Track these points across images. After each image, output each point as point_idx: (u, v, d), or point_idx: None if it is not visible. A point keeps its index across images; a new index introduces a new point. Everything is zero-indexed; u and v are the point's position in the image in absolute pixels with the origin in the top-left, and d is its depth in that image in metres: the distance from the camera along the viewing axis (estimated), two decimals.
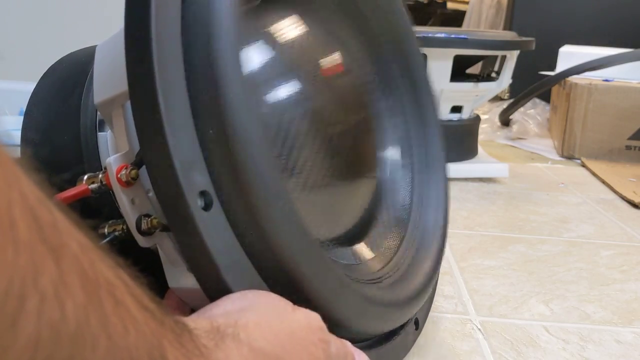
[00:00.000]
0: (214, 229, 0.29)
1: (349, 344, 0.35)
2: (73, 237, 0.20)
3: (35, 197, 0.19)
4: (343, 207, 0.47)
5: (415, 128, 0.54)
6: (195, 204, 0.29)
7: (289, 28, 0.44)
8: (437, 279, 0.55)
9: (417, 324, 0.48)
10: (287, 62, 0.41)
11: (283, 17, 0.43)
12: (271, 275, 0.32)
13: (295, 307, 0.31)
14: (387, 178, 0.53)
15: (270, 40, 0.41)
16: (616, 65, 1.34)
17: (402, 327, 0.45)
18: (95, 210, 0.37)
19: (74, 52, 0.48)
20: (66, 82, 0.44)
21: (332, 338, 0.32)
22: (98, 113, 0.41)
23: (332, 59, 0.48)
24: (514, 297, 0.61)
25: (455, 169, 1.04)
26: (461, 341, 0.51)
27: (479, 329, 0.53)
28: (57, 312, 0.18)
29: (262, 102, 0.39)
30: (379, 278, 0.44)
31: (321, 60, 0.46)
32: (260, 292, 0.31)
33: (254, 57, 0.40)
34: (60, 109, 0.43)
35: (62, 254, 0.19)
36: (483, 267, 0.68)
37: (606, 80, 1.31)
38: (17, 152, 0.19)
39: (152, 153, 0.29)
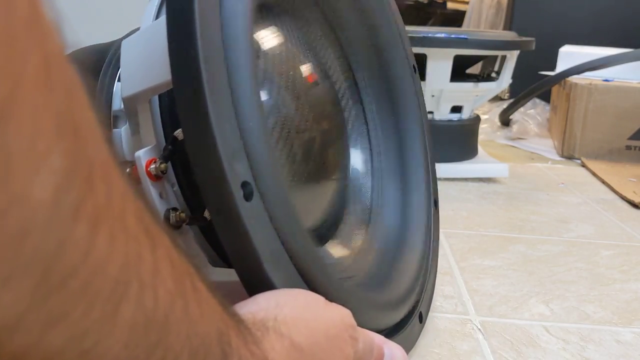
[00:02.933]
0: (255, 220, 0.30)
1: (378, 337, 0.36)
2: (162, 226, 0.21)
3: (134, 188, 0.20)
4: (309, 208, 0.48)
5: (385, 135, 0.55)
6: (239, 193, 0.30)
7: (266, 36, 0.44)
8: (435, 276, 0.55)
9: (421, 318, 0.49)
10: (261, 71, 0.42)
11: (259, 27, 0.44)
12: (303, 267, 0.33)
13: (327, 302, 0.32)
14: (350, 182, 0.54)
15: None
16: (616, 65, 1.34)
17: (408, 320, 0.46)
18: None
19: (77, 50, 0.48)
20: None
21: (361, 334, 0.33)
22: (112, 110, 0.41)
23: (305, 69, 0.48)
24: (514, 297, 0.61)
25: (455, 169, 1.04)
26: (461, 341, 0.51)
27: (479, 329, 0.53)
28: (152, 299, 0.19)
29: None
30: (348, 277, 0.45)
31: (293, 71, 0.46)
32: (293, 289, 0.32)
33: None
34: None
35: (157, 243, 0.20)
36: (483, 267, 0.68)
37: (606, 80, 1.31)
38: None
39: (197, 142, 0.29)
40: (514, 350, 0.50)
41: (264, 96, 0.41)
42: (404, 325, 0.45)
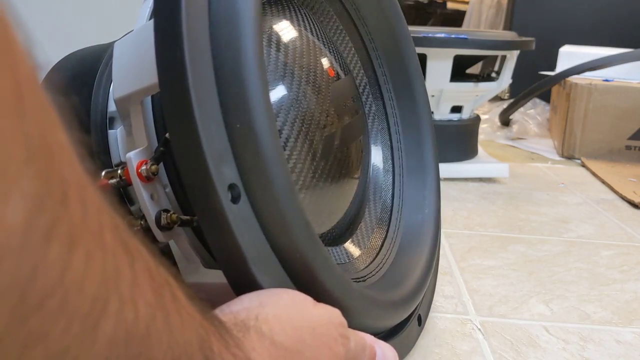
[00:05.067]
0: (242, 222, 0.30)
1: (368, 336, 0.35)
2: (139, 239, 0.21)
3: (110, 203, 0.19)
4: (329, 207, 0.47)
5: (404, 132, 0.55)
6: (226, 196, 0.29)
7: (285, 31, 0.44)
8: (436, 277, 0.55)
9: (420, 320, 0.49)
10: (281, 65, 0.42)
11: (279, 20, 0.44)
12: (293, 269, 0.32)
13: (316, 302, 0.32)
14: (371, 180, 0.53)
15: (267, 43, 0.42)
16: (616, 65, 1.34)
17: (406, 323, 0.46)
18: None
19: (77, 51, 0.48)
20: (73, 81, 0.44)
21: (352, 333, 0.33)
22: (108, 111, 0.41)
23: (325, 63, 0.48)
24: (514, 297, 0.61)
25: (455, 169, 1.04)
26: (461, 341, 0.51)
27: (479, 329, 0.53)
28: (132, 313, 0.19)
29: None
30: (363, 277, 0.45)
31: (314, 64, 0.46)
32: (279, 289, 0.31)
33: None
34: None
35: (136, 257, 0.20)
36: (483, 267, 0.68)
37: (606, 80, 1.31)
38: None
39: (183, 145, 0.29)
40: (514, 350, 0.50)
41: (282, 90, 0.41)
42: (402, 327, 0.45)
